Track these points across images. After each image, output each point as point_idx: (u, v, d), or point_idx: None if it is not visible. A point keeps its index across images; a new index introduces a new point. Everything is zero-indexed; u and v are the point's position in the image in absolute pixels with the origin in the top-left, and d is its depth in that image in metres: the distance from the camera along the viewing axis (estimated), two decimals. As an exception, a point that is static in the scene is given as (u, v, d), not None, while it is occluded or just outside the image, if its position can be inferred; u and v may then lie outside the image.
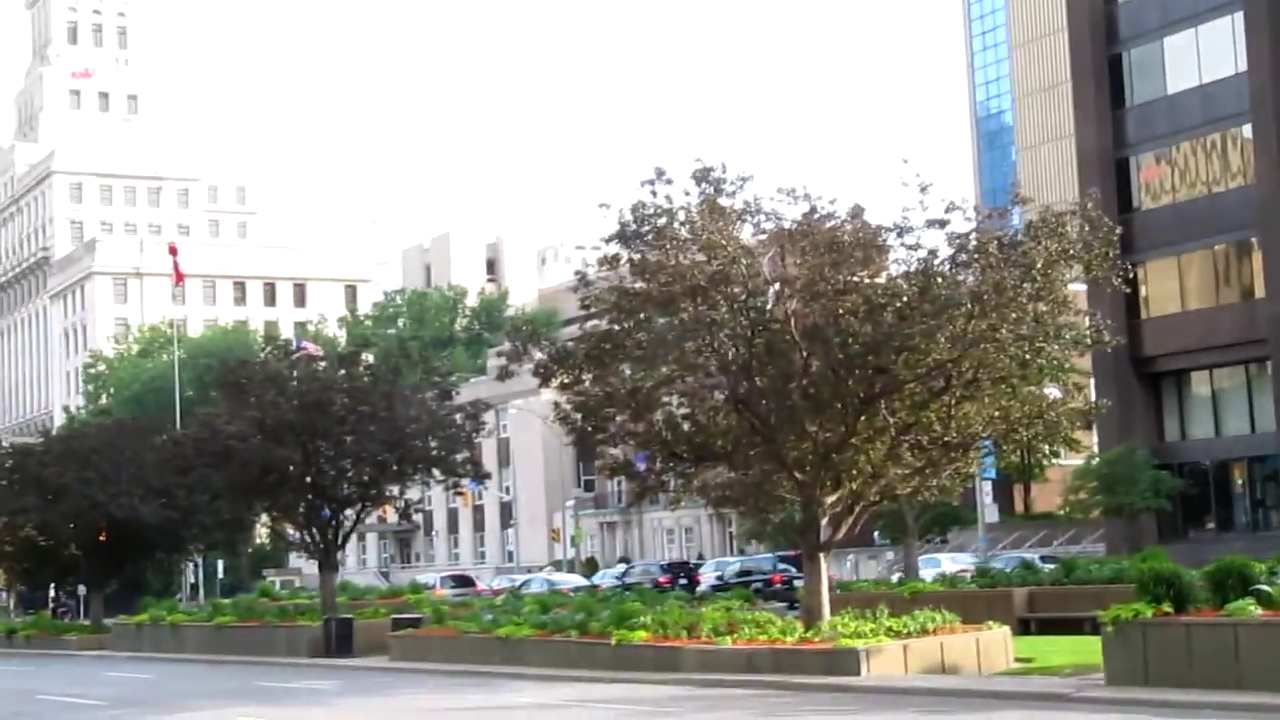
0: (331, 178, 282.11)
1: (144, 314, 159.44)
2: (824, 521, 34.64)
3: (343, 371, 54.70)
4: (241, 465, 50.80)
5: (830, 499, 34.52)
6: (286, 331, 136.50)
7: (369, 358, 59.74)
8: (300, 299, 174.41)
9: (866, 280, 33.44)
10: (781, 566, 67.06)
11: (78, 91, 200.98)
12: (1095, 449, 72.59)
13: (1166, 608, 25.58)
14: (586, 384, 35.78)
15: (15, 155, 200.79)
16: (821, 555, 34.62)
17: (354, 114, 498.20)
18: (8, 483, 70.49)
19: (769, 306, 33.63)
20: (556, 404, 37.46)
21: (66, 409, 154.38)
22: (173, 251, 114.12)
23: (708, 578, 70.06)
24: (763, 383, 33.92)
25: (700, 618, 35.18)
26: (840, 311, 32.63)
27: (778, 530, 59.18)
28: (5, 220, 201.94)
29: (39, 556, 72.44)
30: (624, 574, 75.01)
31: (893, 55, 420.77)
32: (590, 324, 36.29)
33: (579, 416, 36.45)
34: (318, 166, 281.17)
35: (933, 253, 33.32)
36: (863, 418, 33.05)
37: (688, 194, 34.52)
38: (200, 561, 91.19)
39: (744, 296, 33.46)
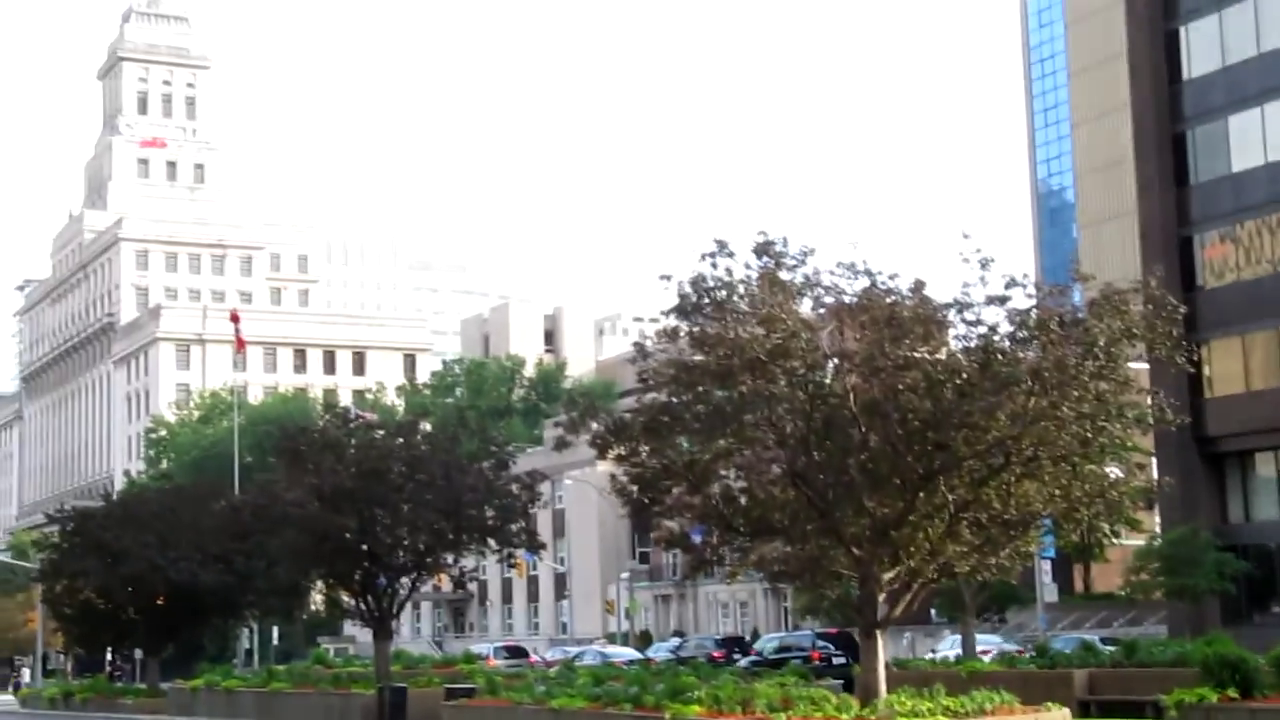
0: (392, 246, 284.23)
1: (205, 380, 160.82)
2: (881, 598, 34.34)
3: (400, 440, 54.84)
4: (299, 532, 50.93)
5: (888, 575, 34.22)
6: (345, 399, 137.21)
7: (427, 426, 59.92)
8: (359, 367, 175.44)
9: (926, 356, 33.26)
10: (820, 644, 66.23)
11: (146, 161, 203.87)
12: (1157, 529, 71.72)
13: (1232, 693, 25.19)
14: (643, 456, 35.68)
15: (84, 223, 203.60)
16: (878, 632, 34.29)
17: (415, 181, 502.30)
18: (68, 545, 71.01)
19: (828, 381, 33.50)
20: (613, 476, 37.37)
21: (128, 473, 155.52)
22: (235, 319, 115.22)
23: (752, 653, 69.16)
24: (821, 457, 33.74)
25: (754, 693, 34.85)
26: (900, 387, 32.46)
27: (834, 606, 58.73)
28: (73, 286, 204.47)
29: (97, 619, 72.76)
30: (678, 647, 74.50)
31: (953, 131, 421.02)
32: (648, 396, 36.23)
33: (635, 488, 36.34)
34: (378, 235, 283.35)
35: (993, 329, 33.15)
36: (921, 494, 32.81)
37: (748, 267, 34.51)
38: (256, 627, 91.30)
39: (803, 371, 33.34)
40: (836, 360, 33.10)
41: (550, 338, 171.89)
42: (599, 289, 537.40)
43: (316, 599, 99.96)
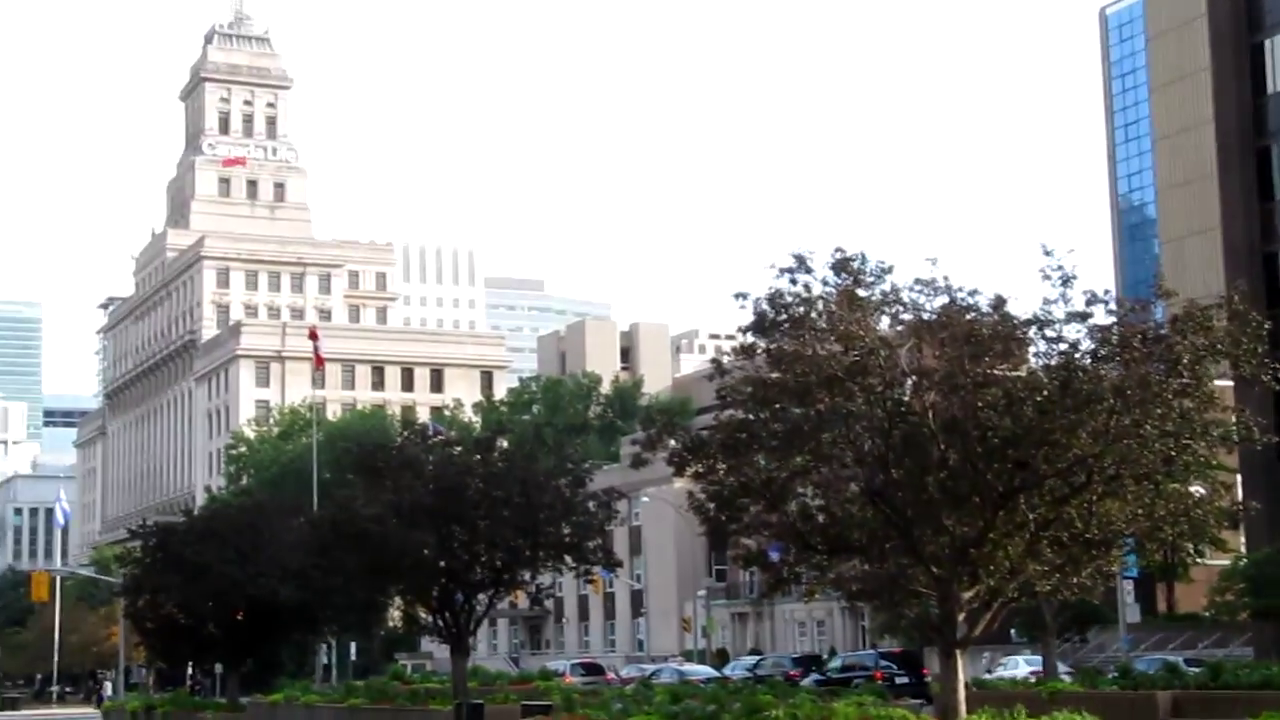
0: (470, 263, 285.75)
1: (285, 397, 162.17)
2: (960, 617, 34.01)
3: (478, 457, 54.95)
4: (377, 548, 51.13)
5: (967, 594, 33.89)
6: (423, 416, 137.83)
7: (504, 443, 60.02)
8: (437, 384, 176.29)
9: (1007, 373, 32.98)
10: (884, 664, 65.98)
11: (227, 180, 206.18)
12: (1243, 549, 70.68)
13: (1320, 715, 24.75)
14: (721, 473, 35.56)
15: (166, 241, 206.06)
16: (958, 652, 33.97)
17: (492, 198, 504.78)
18: (151, 561, 71.68)
19: (906, 398, 33.25)
20: (690, 493, 37.27)
21: (208, 489, 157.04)
22: (313, 337, 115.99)
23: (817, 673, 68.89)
24: (899, 475, 33.49)
25: (833, 712, 34.65)
26: (979, 404, 32.18)
27: (912, 625, 58.25)
28: (155, 304, 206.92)
29: (178, 634, 73.34)
30: (755, 666, 74.21)
31: (1032, 147, 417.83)
32: (725, 413, 36.12)
33: (713, 506, 36.23)
34: (456, 252, 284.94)
35: (1074, 346, 32.81)
36: (1001, 512, 32.49)
37: (826, 284, 34.34)
38: (334, 643, 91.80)
39: (881, 388, 33.12)
40: (915, 377, 32.86)
41: (627, 355, 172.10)
42: (676, 306, 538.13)
43: (394, 615, 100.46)
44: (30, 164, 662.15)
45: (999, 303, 33.61)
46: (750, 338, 34.75)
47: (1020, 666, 65.52)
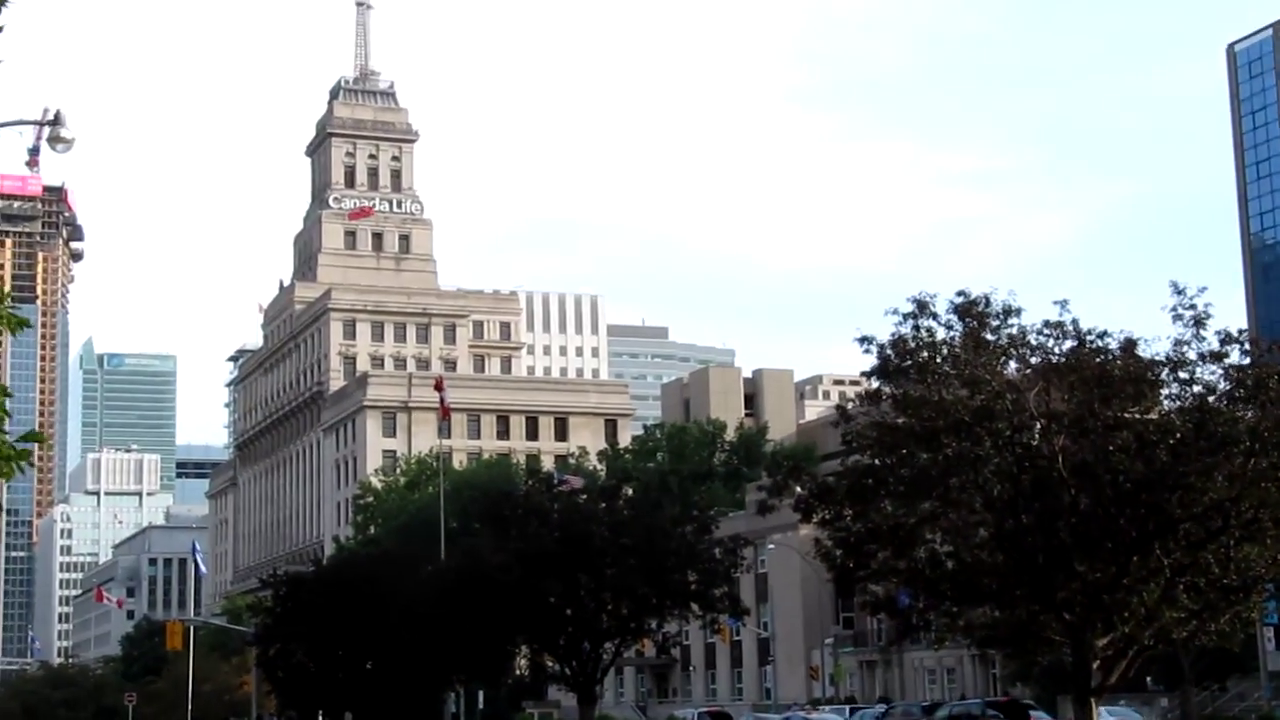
0: (593, 312, 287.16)
1: (411, 446, 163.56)
2: (1095, 665, 33.43)
3: (603, 505, 55.08)
4: (504, 597, 51.35)
5: (1101, 642, 33.32)
6: (548, 464, 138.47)
7: (629, 491, 60.08)
8: (561, 432, 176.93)
9: (1138, 416, 32.48)
10: (990, 712, 65.11)
11: (353, 233, 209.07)
12: (1386, 594, 68.73)
13: None
14: (848, 520, 35.38)
15: (294, 294, 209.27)
16: (1093, 700, 33.37)
17: (615, 247, 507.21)
18: (281, 610, 72.50)
19: (1035, 442, 32.86)
20: (817, 540, 37.07)
21: (336, 539, 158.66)
22: (439, 387, 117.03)
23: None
24: (1029, 520, 33.07)
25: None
26: (1110, 448, 31.72)
27: (1045, 673, 57.38)
28: (284, 356, 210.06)
29: (308, 683, 74.01)
30: (884, 714, 73.34)
31: (1158, 184, 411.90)
32: (851, 459, 35.93)
33: (840, 552, 36.02)
34: (579, 302, 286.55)
35: (1209, 388, 32.25)
36: (1135, 558, 31.94)
37: (950, 328, 34.10)
38: (462, 691, 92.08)
39: (1009, 432, 32.77)
40: (1044, 421, 32.47)
41: (751, 401, 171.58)
42: (800, 352, 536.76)
43: (521, 663, 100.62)
44: (164, 221, 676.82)
45: (1129, 345, 33.16)
46: (875, 383, 34.60)
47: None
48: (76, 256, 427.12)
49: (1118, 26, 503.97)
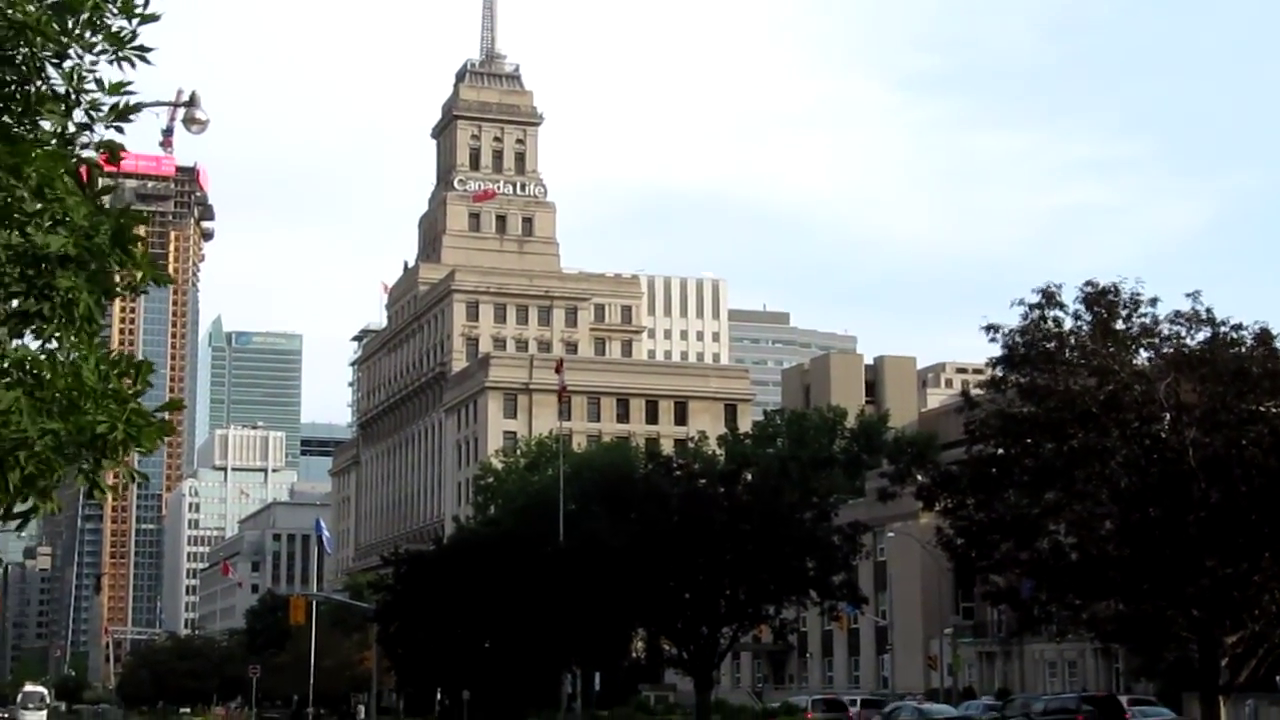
0: (714, 296, 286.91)
1: (532, 428, 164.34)
2: (1223, 662, 32.78)
3: (723, 489, 54.96)
4: (622, 579, 51.42)
5: (1230, 639, 32.66)
6: (667, 448, 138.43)
7: (748, 476, 59.88)
8: (681, 417, 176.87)
9: (1274, 410, 31.76)
10: (1086, 707, 64.42)
11: (477, 215, 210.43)
12: None
13: None
14: (970, 509, 34.99)
15: (418, 275, 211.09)
16: (1220, 699, 32.73)
17: (737, 231, 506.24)
18: (402, 588, 73.24)
19: (1164, 434, 32.25)
20: (939, 528, 36.72)
21: (456, 519, 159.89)
22: (559, 369, 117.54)
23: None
24: (1157, 513, 32.50)
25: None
26: (1244, 442, 31.04)
27: (1171, 669, 56.33)
28: (407, 336, 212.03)
29: (427, 660, 74.73)
30: (1002, 706, 72.55)
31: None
32: (975, 448, 35.52)
33: (961, 542, 35.66)
34: (700, 286, 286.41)
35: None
36: (1268, 554, 31.26)
37: (1078, 317, 33.57)
38: (579, 672, 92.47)
39: (1138, 424, 32.22)
40: (1174, 413, 31.86)
41: (872, 388, 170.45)
42: (922, 339, 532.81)
43: (638, 646, 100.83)
44: (293, 201, 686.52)
45: (1265, 336, 32.43)
46: (1000, 371, 34.15)
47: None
48: (207, 236, 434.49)
49: (1247, 11, 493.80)
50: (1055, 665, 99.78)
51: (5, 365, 8.26)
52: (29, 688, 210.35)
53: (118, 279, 8.73)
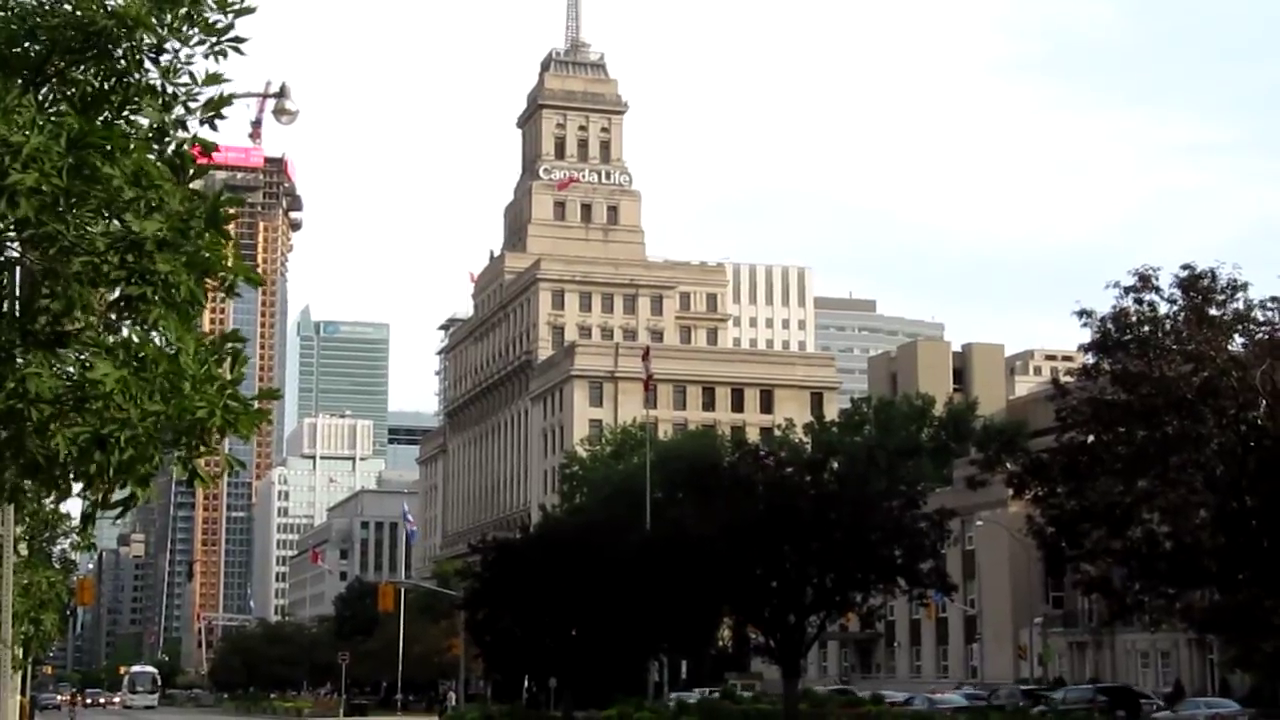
0: (800, 284, 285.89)
1: (617, 416, 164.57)
2: (1322, 653, 32.25)
3: (809, 478, 54.74)
4: (709, 567, 51.35)
5: (1329, 629, 32.13)
6: (753, 436, 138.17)
7: (835, 464, 59.63)
8: (767, 405, 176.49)
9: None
10: (1101, 698, 65.13)
11: (562, 204, 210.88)
12: None
13: None
14: (1061, 497, 34.64)
15: (504, 264, 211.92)
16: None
17: (823, 219, 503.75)
18: (489, 576, 73.52)
19: (1261, 421, 31.75)
20: (1029, 517, 36.42)
21: (543, 506, 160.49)
22: (646, 358, 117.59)
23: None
24: (1254, 501, 32.00)
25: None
26: (1344, 428, 30.50)
27: (1268, 660, 55.53)
28: (493, 325, 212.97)
29: (514, 648, 75.00)
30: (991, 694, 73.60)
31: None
32: (1067, 436, 35.14)
33: (1052, 530, 35.32)
34: (786, 274, 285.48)
35: None
36: (1367, 543, 30.70)
37: (1173, 302, 33.12)
38: (665, 660, 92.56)
39: (1234, 410, 31.74)
40: (1271, 399, 31.36)
41: (959, 376, 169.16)
42: (1010, 326, 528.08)
43: (724, 634, 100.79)
44: (379, 191, 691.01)
45: (1365, 321, 31.84)
46: (1092, 358, 33.75)
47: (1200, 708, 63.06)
48: (295, 226, 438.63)
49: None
50: (1148, 656, 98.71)
51: (110, 346, 8.34)
52: (137, 668, 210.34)
53: (212, 280, 8.81)
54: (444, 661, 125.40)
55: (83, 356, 8.32)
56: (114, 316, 8.42)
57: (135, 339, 8.45)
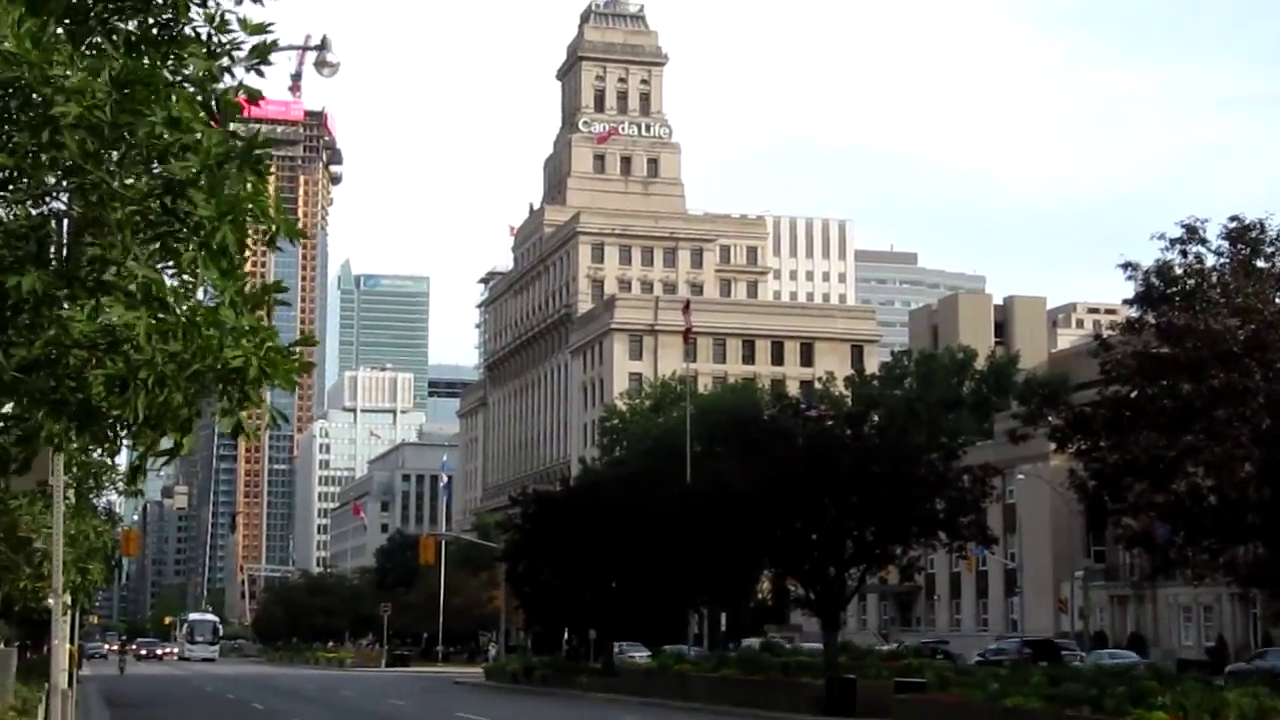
0: (840, 237, 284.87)
1: (657, 370, 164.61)
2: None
3: (850, 431, 54.59)
4: (748, 520, 51.33)
5: (1375, 584, 31.90)
6: (793, 389, 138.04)
7: (876, 418, 59.46)
8: (807, 358, 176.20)
9: None
10: (1025, 650, 67.40)
11: (602, 156, 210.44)
12: None
13: None
14: (1104, 450, 34.41)
15: (544, 217, 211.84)
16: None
17: (863, 171, 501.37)
18: (530, 528, 73.84)
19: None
20: (1071, 471, 36.20)
21: (582, 459, 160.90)
22: (686, 311, 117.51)
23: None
24: (1300, 455, 31.75)
25: (1225, 702, 32.99)
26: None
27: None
28: (533, 278, 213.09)
29: (554, 599, 75.37)
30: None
31: None
32: (1110, 389, 34.89)
33: (1095, 484, 35.10)
34: (826, 226, 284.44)
35: None
36: None
37: (1220, 255, 32.80)
38: (705, 613, 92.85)
39: (1281, 363, 31.46)
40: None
41: (1001, 329, 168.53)
42: (1052, 278, 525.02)
43: (764, 587, 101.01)
44: (419, 145, 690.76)
45: None
46: (1137, 311, 33.49)
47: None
48: (335, 180, 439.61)
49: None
50: (1190, 610, 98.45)
51: (131, 289, 8.31)
52: (196, 616, 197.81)
53: (252, 230, 8.77)
54: (484, 613, 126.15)
55: (105, 300, 8.31)
56: (140, 270, 8.40)
57: (153, 281, 8.42)
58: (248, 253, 9.11)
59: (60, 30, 8.53)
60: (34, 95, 7.83)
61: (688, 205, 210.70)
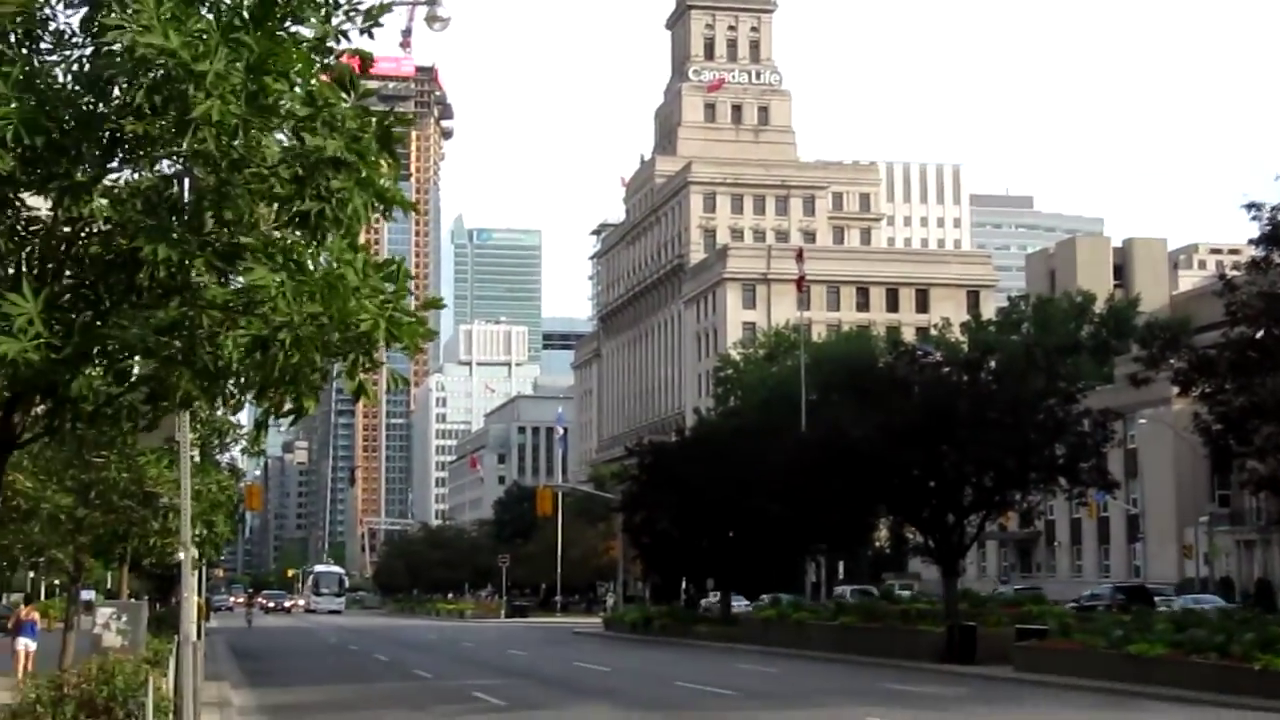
0: (955, 181, 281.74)
1: (770, 319, 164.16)
2: None
3: (967, 377, 54.15)
4: (866, 468, 51.15)
5: None
6: (908, 337, 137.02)
7: (993, 363, 58.93)
8: (922, 304, 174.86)
9: None
10: (1119, 596, 66.07)
11: (712, 105, 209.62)
12: None
13: None
14: (1229, 393, 33.87)
15: (655, 168, 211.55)
16: None
17: (977, 114, 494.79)
18: (646, 479, 74.13)
19: None
20: (1195, 414, 35.69)
21: (697, 410, 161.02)
22: (799, 259, 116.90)
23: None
24: None
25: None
26: None
27: None
28: (645, 229, 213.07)
29: (672, 550, 75.67)
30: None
31: None
32: (1235, 331, 34.30)
33: (1219, 427, 34.59)
34: (941, 171, 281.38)
35: None
36: None
37: (1347, 192, 32.06)
38: (822, 561, 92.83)
39: None
40: None
41: (1120, 272, 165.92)
42: (1173, 219, 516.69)
43: (881, 534, 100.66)
44: (529, 98, 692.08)
45: None
46: (1262, 251, 32.86)
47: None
48: (446, 135, 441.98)
49: None
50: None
51: (271, 253, 8.45)
52: (321, 568, 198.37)
53: (379, 203, 8.89)
54: (602, 564, 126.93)
55: (245, 264, 8.43)
56: (278, 233, 8.52)
57: (296, 244, 8.54)
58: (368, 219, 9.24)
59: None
60: (177, 86, 7.94)
61: (799, 153, 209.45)
